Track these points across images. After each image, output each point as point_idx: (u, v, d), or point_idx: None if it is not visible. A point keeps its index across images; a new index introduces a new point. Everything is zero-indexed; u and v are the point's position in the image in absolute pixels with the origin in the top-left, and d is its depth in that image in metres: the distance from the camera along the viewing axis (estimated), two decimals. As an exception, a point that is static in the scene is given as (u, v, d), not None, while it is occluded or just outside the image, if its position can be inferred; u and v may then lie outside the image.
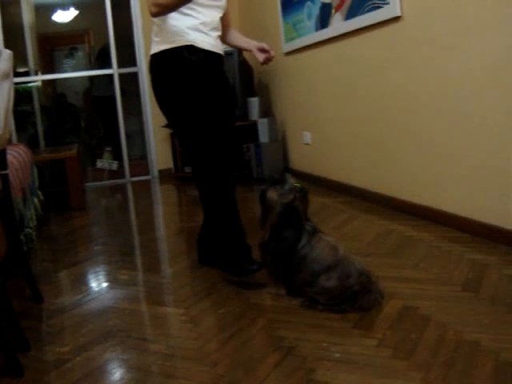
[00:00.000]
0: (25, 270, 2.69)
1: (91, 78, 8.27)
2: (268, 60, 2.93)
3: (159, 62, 2.73)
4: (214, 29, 2.79)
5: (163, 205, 5.29)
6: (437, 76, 3.26)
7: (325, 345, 2.00)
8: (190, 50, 2.67)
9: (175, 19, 2.66)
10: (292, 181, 2.46)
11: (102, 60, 7.87)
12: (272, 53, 2.94)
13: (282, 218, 2.40)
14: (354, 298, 2.25)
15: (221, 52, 2.83)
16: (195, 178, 2.80)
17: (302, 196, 2.42)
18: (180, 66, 2.67)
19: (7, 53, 2.36)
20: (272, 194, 2.44)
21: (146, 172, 6.93)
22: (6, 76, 2.33)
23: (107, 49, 8.08)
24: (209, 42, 2.74)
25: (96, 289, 2.90)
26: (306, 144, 5.33)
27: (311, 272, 2.33)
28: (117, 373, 1.95)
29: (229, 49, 5.72)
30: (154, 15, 2.60)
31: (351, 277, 2.26)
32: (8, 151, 2.60)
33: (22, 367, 2.01)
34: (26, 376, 1.99)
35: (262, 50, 2.96)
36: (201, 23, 2.70)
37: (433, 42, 3.26)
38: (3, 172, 2.54)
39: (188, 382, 1.84)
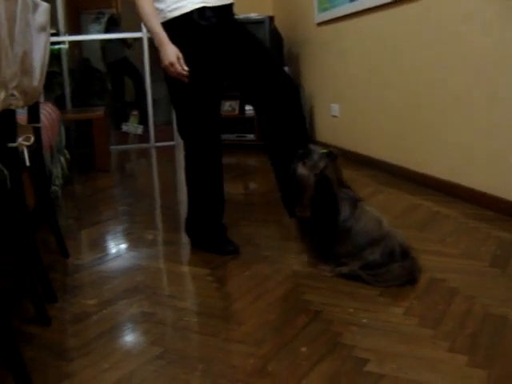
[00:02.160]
0: (53, 223, 2.71)
1: (102, 46, 8.24)
2: None
3: (167, 32, 2.46)
4: None
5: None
6: (471, 52, 3.21)
7: (351, 310, 2.00)
8: (201, 12, 2.47)
9: None
10: (318, 149, 2.38)
11: (111, 28, 7.86)
12: None
13: (318, 190, 2.32)
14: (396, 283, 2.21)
15: (231, 1, 2.61)
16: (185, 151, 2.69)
17: (331, 162, 2.35)
18: (189, 33, 2.48)
19: (44, 5, 2.35)
20: (302, 170, 2.36)
21: (171, 138, 6.92)
22: (42, 29, 2.33)
23: (116, 17, 8.07)
24: None
25: (121, 247, 2.92)
26: (334, 116, 5.29)
27: (355, 245, 2.28)
28: (143, 327, 1.97)
29: (260, 17, 5.69)
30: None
31: (394, 253, 2.21)
32: (38, 108, 2.60)
33: (50, 317, 2.04)
34: (53, 325, 2.01)
35: None
36: None
37: (468, 18, 3.20)
38: (36, 125, 2.55)
39: (215, 338, 1.85)
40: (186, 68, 2.45)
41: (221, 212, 2.75)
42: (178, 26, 2.48)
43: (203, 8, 2.47)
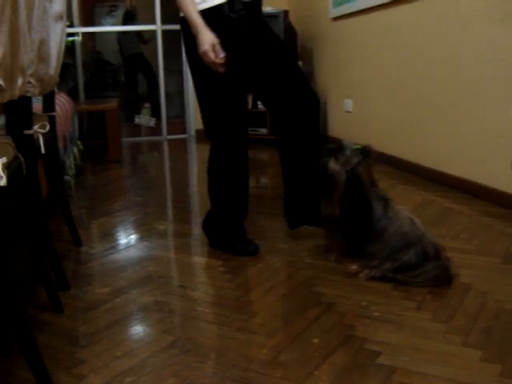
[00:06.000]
0: (66, 212, 2.72)
1: (118, 39, 8.23)
2: None
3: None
4: None
5: (199, 163, 5.30)
6: (488, 48, 3.18)
7: (364, 303, 2.00)
8: (231, 4, 2.42)
9: None
10: (351, 144, 2.26)
11: (127, 23, 7.86)
12: None
13: (349, 188, 2.21)
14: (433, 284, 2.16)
15: None
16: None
17: (365, 158, 2.23)
18: (218, 26, 2.40)
19: (61, -6, 2.35)
20: (334, 165, 2.24)
21: (183, 131, 6.93)
22: (59, 18, 2.33)
23: (132, 11, 8.06)
24: None
25: (133, 237, 2.93)
26: (347, 112, 5.27)
27: (391, 246, 2.20)
28: (156, 316, 1.97)
29: (274, 10, 5.67)
30: None
31: (428, 254, 2.16)
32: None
33: (63, 305, 2.05)
34: (66, 313, 2.03)
35: None
36: None
37: (486, 14, 3.17)
38: (51, 114, 2.56)
39: (227, 328, 1.86)
40: (221, 55, 2.35)
41: (244, 212, 2.67)
42: (207, 18, 2.41)
43: (233, 0, 2.43)
